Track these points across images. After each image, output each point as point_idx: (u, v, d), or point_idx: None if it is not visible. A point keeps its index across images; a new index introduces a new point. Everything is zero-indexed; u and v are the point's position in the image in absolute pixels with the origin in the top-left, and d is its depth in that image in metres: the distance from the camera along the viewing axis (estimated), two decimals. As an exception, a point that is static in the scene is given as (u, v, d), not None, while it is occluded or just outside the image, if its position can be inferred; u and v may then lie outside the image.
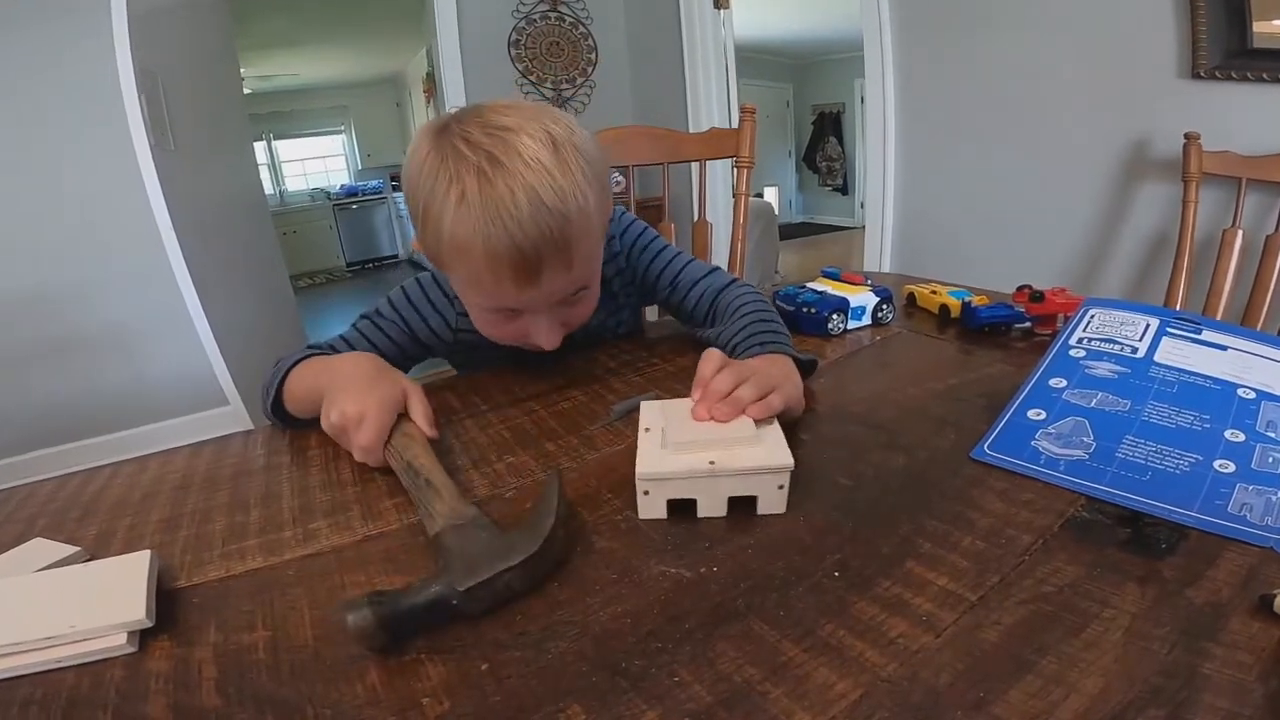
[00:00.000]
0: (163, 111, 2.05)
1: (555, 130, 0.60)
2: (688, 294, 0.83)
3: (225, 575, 0.45)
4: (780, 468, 0.46)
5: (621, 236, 0.85)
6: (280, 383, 0.67)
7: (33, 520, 0.55)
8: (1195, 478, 0.46)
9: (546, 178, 0.58)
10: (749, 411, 0.51)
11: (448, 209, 0.58)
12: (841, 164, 8.16)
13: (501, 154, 0.57)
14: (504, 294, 0.63)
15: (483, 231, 0.57)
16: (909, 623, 0.36)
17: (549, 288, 0.63)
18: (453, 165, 0.58)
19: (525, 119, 0.60)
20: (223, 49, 2.74)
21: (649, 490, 0.47)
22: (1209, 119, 1.44)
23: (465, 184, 0.57)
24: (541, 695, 0.33)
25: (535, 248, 0.58)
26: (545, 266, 0.60)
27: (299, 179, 7.80)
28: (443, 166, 0.59)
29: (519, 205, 0.57)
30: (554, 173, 0.58)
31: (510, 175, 0.57)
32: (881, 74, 2.16)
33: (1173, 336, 0.59)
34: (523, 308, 0.66)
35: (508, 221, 0.57)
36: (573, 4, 3.18)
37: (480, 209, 0.57)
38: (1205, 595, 0.37)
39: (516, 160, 0.57)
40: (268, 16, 4.45)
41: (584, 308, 0.72)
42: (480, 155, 0.58)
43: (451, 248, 0.60)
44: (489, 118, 0.60)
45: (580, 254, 0.63)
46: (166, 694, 0.35)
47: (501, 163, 0.57)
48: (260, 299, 2.72)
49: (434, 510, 0.46)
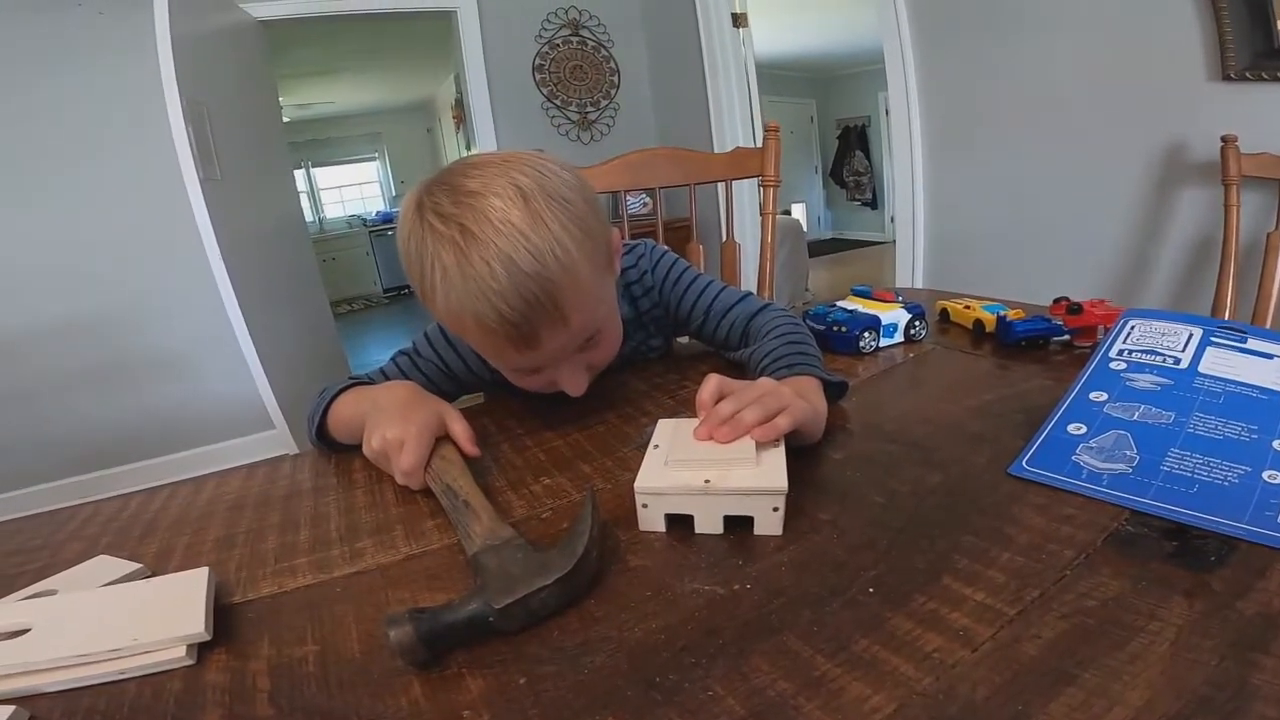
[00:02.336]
0: (209, 141, 2.13)
1: (523, 183, 0.58)
2: (720, 323, 0.83)
3: (277, 591, 0.47)
4: (773, 490, 0.46)
5: (653, 271, 0.86)
6: (324, 411, 0.70)
7: (96, 538, 0.58)
8: (1244, 489, 0.45)
9: (520, 240, 0.56)
10: (753, 434, 0.51)
11: (437, 286, 0.58)
12: (869, 178, 8.12)
13: (472, 223, 0.56)
14: (509, 361, 0.64)
15: (471, 309, 0.57)
16: (945, 637, 0.36)
17: (552, 346, 0.62)
18: (430, 243, 0.58)
19: (491, 177, 0.58)
20: (263, 78, 2.83)
21: (647, 503, 0.48)
22: (1243, 121, 1.41)
23: (444, 260, 0.57)
24: (578, 708, 0.33)
25: (524, 317, 0.57)
26: (540, 329, 0.59)
27: (336, 205, 8.03)
28: (423, 244, 0.58)
29: (497, 278, 0.55)
30: (527, 234, 0.56)
31: (483, 246, 0.55)
32: (905, 86, 2.15)
33: (1217, 346, 0.57)
34: (537, 365, 0.66)
35: (491, 296, 0.56)
36: (593, 28, 3.24)
37: (462, 287, 0.56)
38: (1256, 607, 0.36)
39: (487, 228, 0.56)
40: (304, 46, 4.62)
41: (604, 350, 0.71)
42: (453, 228, 0.56)
43: (451, 322, 0.62)
44: (457, 183, 0.59)
45: (573, 307, 0.60)
46: (223, 705, 0.36)
47: (473, 233, 0.56)
48: (303, 326, 2.80)
49: (472, 531, 0.47)
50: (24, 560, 0.55)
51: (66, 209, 2.34)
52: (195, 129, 2.03)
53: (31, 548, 0.58)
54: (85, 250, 2.39)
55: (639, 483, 0.48)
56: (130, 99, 2.31)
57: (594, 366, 0.71)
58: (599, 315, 0.67)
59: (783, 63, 7.12)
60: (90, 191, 2.36)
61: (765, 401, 0.53)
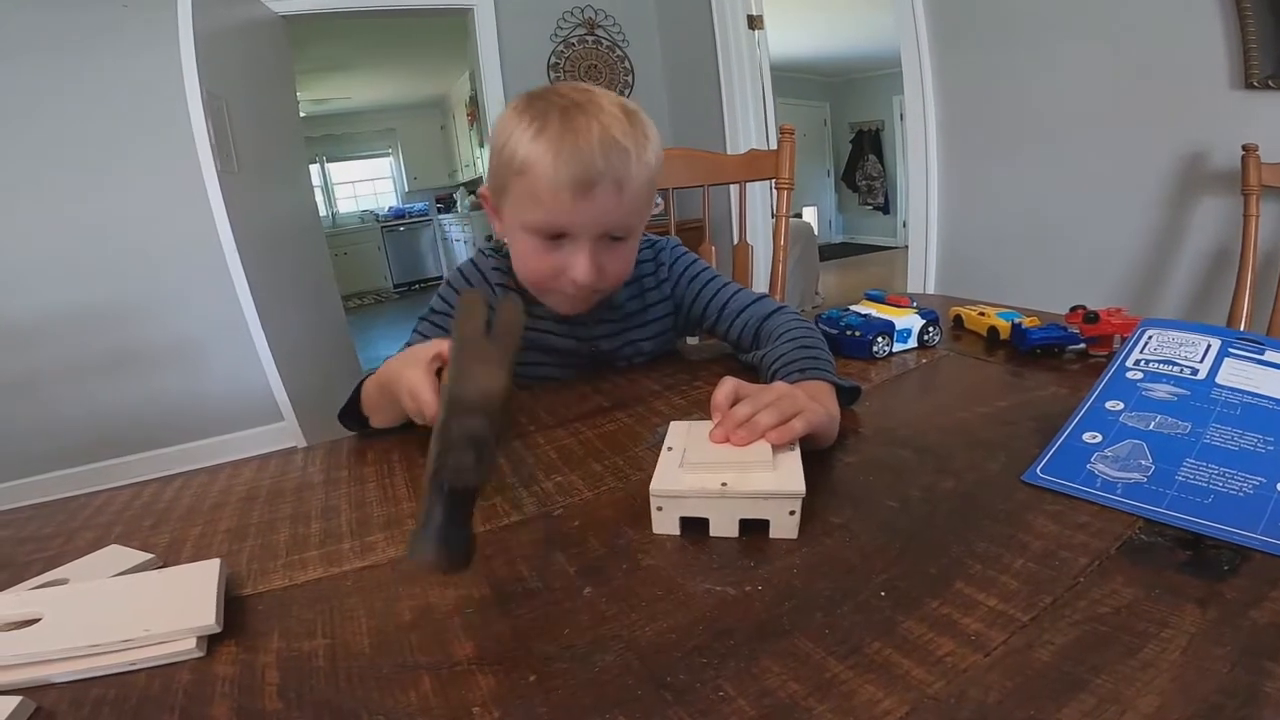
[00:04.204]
0: (227, 134, 2.15)
1: (630, 105, 0.72)
2: (733, 323, 0.84)
3: (288, 584, 0.47)
4: (791, 493, 0.46)
5: (671, 265, 0.88)
6: (356, 394, 0.73)
7: (109, 527, 0.58)
8: (1259, 500, 0.45)
9: (620, 124, 0.69)
10: (769, 437, 0.51)
11: (525, 138, 0.68)
12: (882, 182, 8.08)
13: (585, 102, 0.69)
14: (559, 207, 0.69)
15: (554, 147, 0.66)
16: (957, 642, 0.35)
17: (601, 206, 0.69)
18: (539, 108, 0.69)
19: (602, 91, 0.72)
20: (283, 73, 2.85)
21: (662, 506, 0.48)
22: (1265, 129, 1.39)
23: (547, 119, 0.68)
24: (588, 707, 0.33)
25: (596, 169, 0.67)
26: (599, 186, 0.68)
27: (349, 200, 8.08)
28: (528, 111, 0.70)
29: (591, 131, 0.67)
30: (625, 123, 0.69)
31: (588, 114, 0.68)
32: (921, 90, 2.14)
33: (1235, 357, 0.57)
34: (571, 229, 0.71)
35: (580, 141, 0.66)
36: (609, 27, 3.25)
37: (558, 131, 0.67)
38: (1269, 615, 0.35)
39: (595, 109, 0.68)
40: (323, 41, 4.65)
41: (621, 260, 0.77)
42: (566, 101, 0.69)
43: (521, 167, 0.69)
44: (576, 84, 0.73)
45: (629, 191, 0.70)
46: (231, 697, 0.36)
47: (583, 106, 0.68)
48: (315, 319, 2.81)
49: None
50: (36, 548, 0.56)
51: (83, 197, 2.36)
52: (214, 121, 2.04)
53: (44, 536, 0.58)
54: (100, 240, 2.41)
55: (654, 485, 0.48)
56: (150, 90, 2.33)
57: (603, 275, 0.75)
58: (634, 223, 0.76)
59: (797, 65, 7.11)
60: (107, 181, 2.38)
61: (781, 405, 0.53)
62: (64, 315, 2.39)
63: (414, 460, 0.67)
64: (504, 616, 0.41)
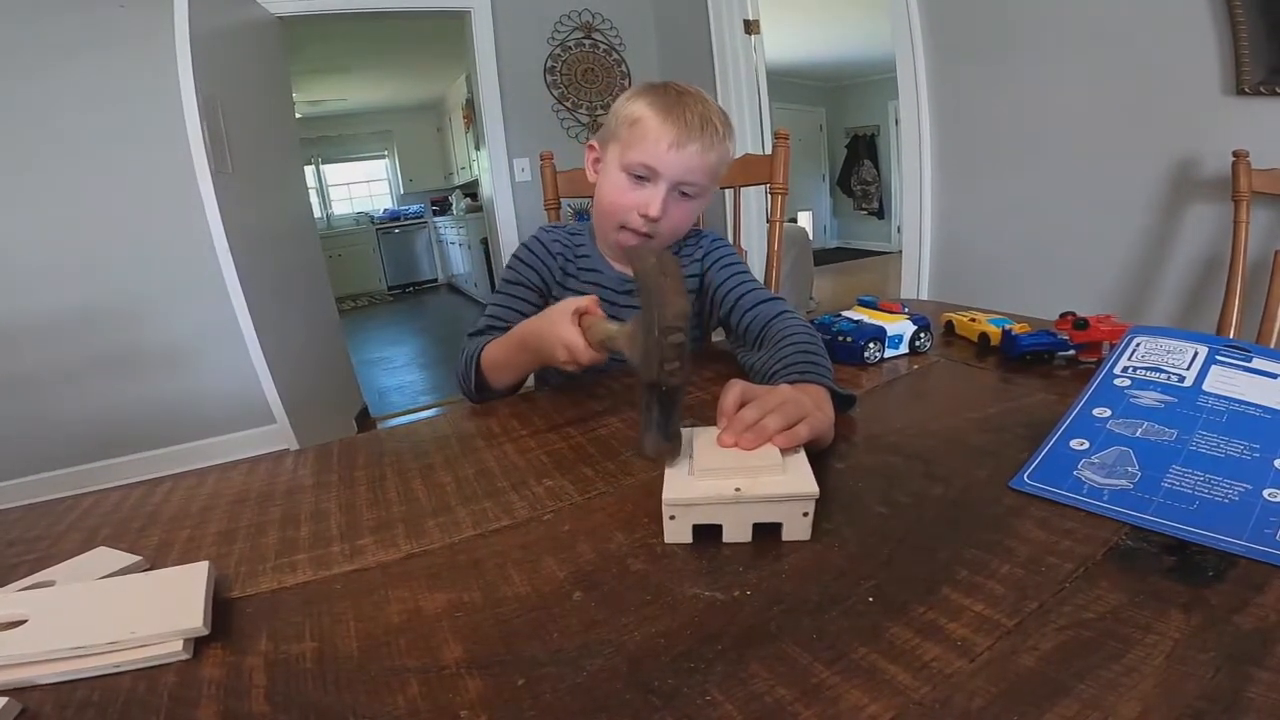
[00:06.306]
0: (222, 135, 2.14)
1: (726, 112, 0.90)
2: (743, 316, 0.87)
3: (277, 587, 0.47)
4: (805, 495, 0.46)
5: (709, 252, 0.98)
6: (476, 367, 0.84)
7: (97, 529, 0.58)
8: (1244, 507, 0.45)
9: (717, 114, 0.86)
10: (775, 441, 0.51)
11: (643, 102, 0.86)
12: (877, 187, 8.11)
13: (695, 93, 0.87)
14: (656, 151, 0.84)
15: (666, 111, 0.84)
16: (943, 647, 0.36)
17: (686, 162, 0.84)
18: (660, 88, 0.87)
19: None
20: (279, 74, 2.84)
21: (675, 515, 0.47)
22: (1256, 136, 1.40)
23: (666, 94, 0.86)
24: (576, 711, 0.34)
25: (694, 130, 0.83)
26: (693, 141, 0.83)
27: (344, 203, 8.06)
28: (651, 89, 0.87)
29: (695, 109, 0.84)
30: (721, 115, 0.87)
31: (696, 99, 0.86)
32: (916, 95, 2.15)
33: (1222, 365, 0.57)
34: (659, 170, 0.84)
35: (687, 113, 0.84)
36: (606, 31, 3.25)
37: (673, 102, 0.85)
38: (1253, 621, 0.36)
39: (702, 99, 0.87)
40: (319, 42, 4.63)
41: (682, 214, 0.90)
42: (681, 88, 0.87)
43: (633, 119, 0.85)
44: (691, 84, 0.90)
45: (711, 161, 0.86)
46: (218, 700, 0.36)
47: (694, 94, 0.87)
48: (308, 321, 2.80)
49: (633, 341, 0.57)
50: (23, 550, 0.55)
51: (76, 198, 2.35)
52: (209, 123, 2.03)
53: (30, 538, 0.58)
54: (92, 240, 2.39)
55: (667, 495, 0.48)
56: (146, 91, 2.32)
57: (666, 218, 0.87)
58: (704, 184, 0.89)
59: (793, 70, 7.13)
60: (101, 182, 2.37)
61: (786, 409, 0.54)
62: (56, 316, 2.38)
63: (404, 464, 0.67)
64: (493, 620, 0.41)
